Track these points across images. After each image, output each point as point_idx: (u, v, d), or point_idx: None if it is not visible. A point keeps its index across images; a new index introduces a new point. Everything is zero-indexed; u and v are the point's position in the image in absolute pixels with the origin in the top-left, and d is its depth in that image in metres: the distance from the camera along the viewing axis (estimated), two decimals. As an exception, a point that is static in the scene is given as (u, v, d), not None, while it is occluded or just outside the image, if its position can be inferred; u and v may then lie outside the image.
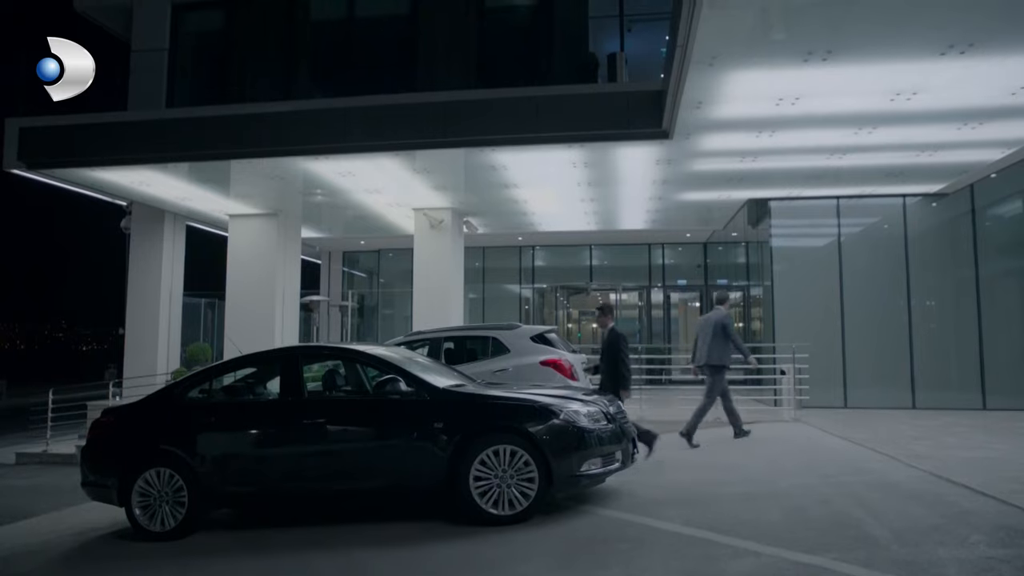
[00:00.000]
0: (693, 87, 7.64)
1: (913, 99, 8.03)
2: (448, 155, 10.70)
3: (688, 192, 13.21)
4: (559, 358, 8.87)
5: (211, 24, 13.93)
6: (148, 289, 14.25)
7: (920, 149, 10.17)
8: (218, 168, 11.50)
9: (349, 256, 21.59)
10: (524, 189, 12.79)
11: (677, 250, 20.43)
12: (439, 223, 13.98)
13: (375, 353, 6.27)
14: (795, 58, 6.98)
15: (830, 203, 13.24)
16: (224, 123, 11.00)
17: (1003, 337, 12.02)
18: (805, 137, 9.60)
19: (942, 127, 9.15)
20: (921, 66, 7.15)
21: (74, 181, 12.28)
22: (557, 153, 10.41)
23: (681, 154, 10.41)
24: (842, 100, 8.15)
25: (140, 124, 11.34)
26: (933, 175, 11.79)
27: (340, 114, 10.44)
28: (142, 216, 14.32)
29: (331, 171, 11.59)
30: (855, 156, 10.44)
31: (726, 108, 8.35)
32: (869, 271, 13.12)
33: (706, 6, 5.87)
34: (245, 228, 14.48)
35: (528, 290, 21.12)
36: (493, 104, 10.12)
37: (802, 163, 10.99)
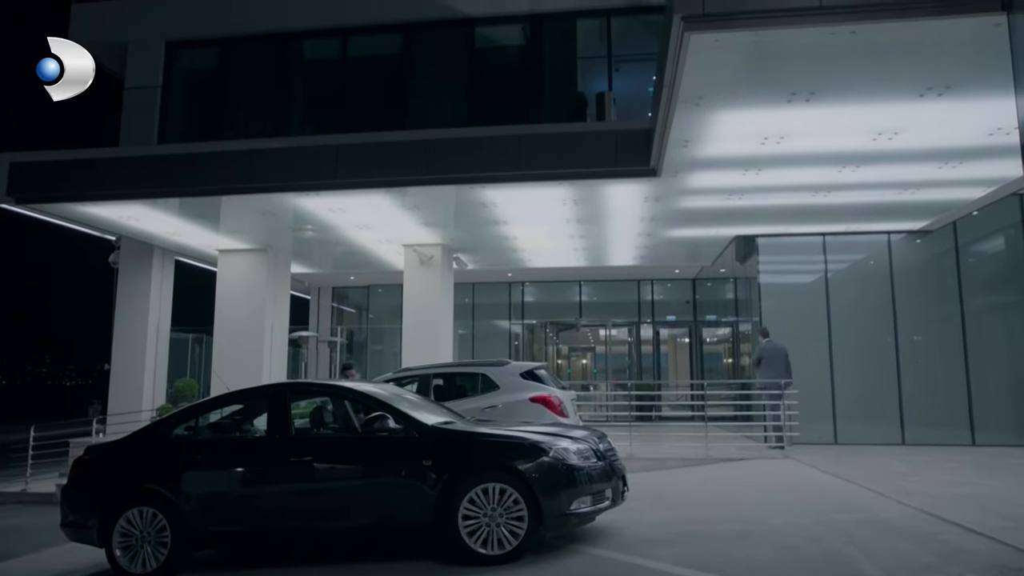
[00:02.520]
0: (680, 126, 7.78)
1: (895, 139, 8.21)
2: (438, 192, 10.78)
3: (676, 229, 13.34)
4: (549, 394, 8.84)
5: (204, 61, 14.08)
6: (135, 324, 14.14)
7: (903, 187, 10.35)
8: (208, 203, 11.52)
9: (339, 291, 21.55)
10: (514, 226, 12.88)
11: (666, 286, 20.54)
12: (429, 259, 14.01)
13: (363, 390, 6.23)
14: (779, 99, 7.14)
15: (816, 239, 13.40)
16: (215, 159, 11.06)
17: (990, 372, 12.10)
18: (791, 175, 9.75)
19: (923, 166, 9.33)
20: (901, 107, 7.32)
21: (63, 216, 12.25)
22: (546, 190, 10.51)
23: (669, 191, 10.54)
24: (826, 139, 8.32)
25: (131, 160, 11.38)
26: (916, 212, 11.98)
27: (331, 151, 10.53)
28: (131, 251, 14.27)
29: (322, 207, 11.63)
30: (840, 194, 10.61)
31: (713, 147, 8.49)
32: (856, 307, 13.22)
33: (691, 48, 6.02)
34: (234, 263, 14.45)
35: (518, 326, 21.11)
36: (483, 142, 10.24)
37: (788, 200, 11.14)
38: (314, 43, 13.60)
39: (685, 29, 5.83)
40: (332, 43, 13.42)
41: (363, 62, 13.58)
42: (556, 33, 12.71)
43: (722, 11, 5.84)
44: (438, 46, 13.07)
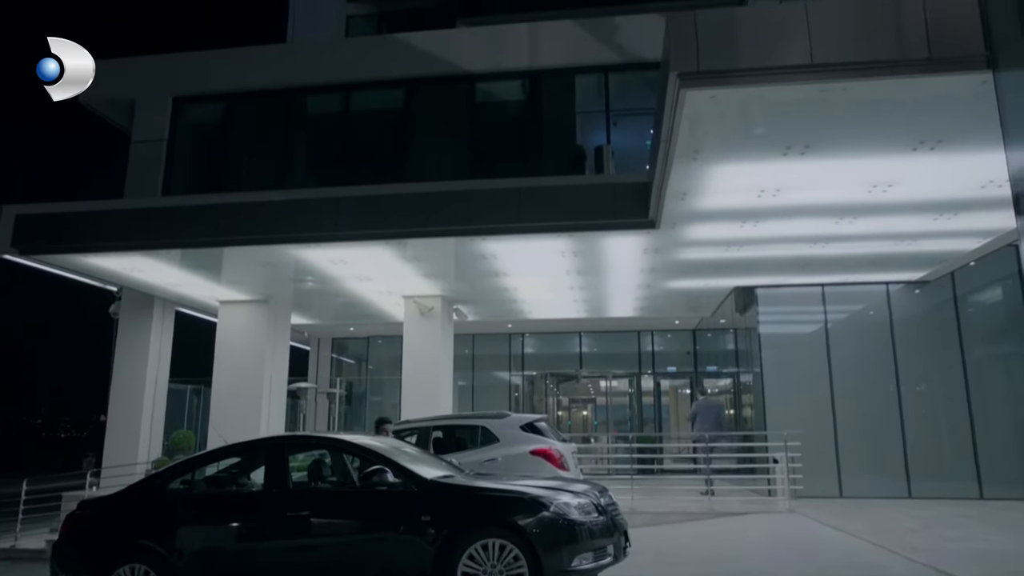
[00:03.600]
0: (678, 179, 7.90)
1: (889, 191, 8.32)
2: (438, 244, 10.86)
3: (676, 280, 13.40)
4: (549, 447, 8.75)
5: (210, 116, 14.36)
6: (134, 375, 14.07)
7: (899, 238, 10.44)
8: (210, 255, 11.60)
9: (338, 342, 21.50)
10: (514, 277, 12.94)
11: (666, 337, 20.50)
12: (429, 310, 14.03)
13: (362, 443, 6.17)
14: (775, 152, 7.26)
15: (815, 290, 13.44)
16: (218, 211, 11.17)
17: (995, 425, 11.98)
18: (788, 227, 9.85)
19: (919, 218, 9.43)
20: (895, 160, 7.45)
21: (66, 266, 12.31)
22: (546, 242, 10.60)
23: (668, 243, 10.62)
24: (822, 192, 8.43)
25: (135, 212, 11.50)
26: (914, 263, 12.06)
27: (333, 203, 10.65)
28: (132, 301, 14.30)
29: (323, 259, 11.71)
30: (837, 245, 10.70)
31: (710, 199, 8.60)
32: (857, 357, 13.18)
33: (688, 103, 6.16)
34: (235, 314, 14.47)
35: (518, 377, 20.99)
36: (483, 195, 10.37)
37: (786, 252, 11.22)
38: (317, 98, 13.90)
39: (681, 86, 5.98)
40: (335, 98, 13.73)
41: (365, 116, 13.85)
42: (555, 88, 13.02)
43: (717, 68, 6.00)
44: (439, 101, 13.36)
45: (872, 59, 5.86)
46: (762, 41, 6.13)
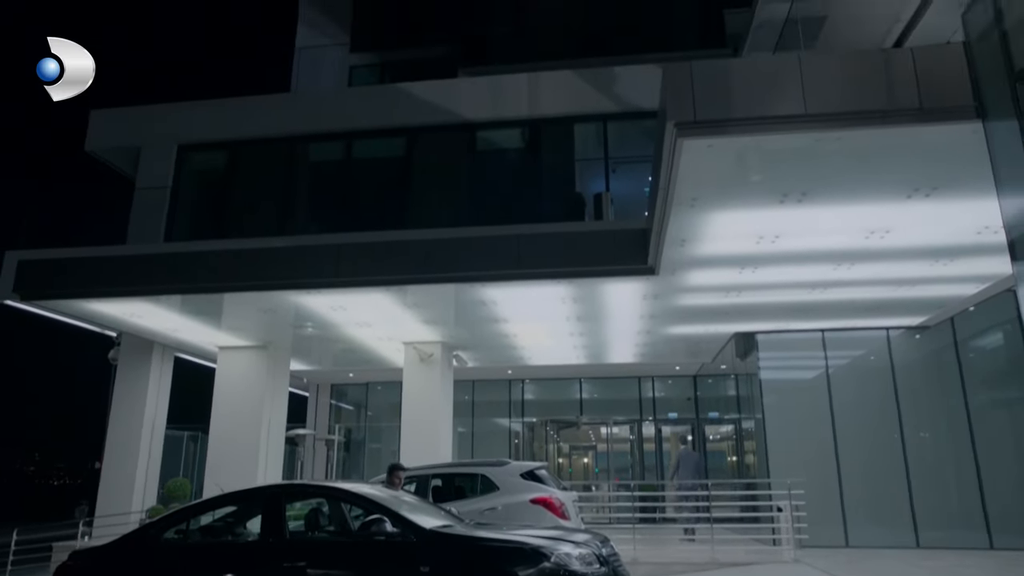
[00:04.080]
0: (676, 226, 7.97)
1: (886, 237, 8.39)
2: (439, 290, 10.89)
3: (676, 326, 13.40)
4: (550, 496, 8.63)
5: (213, 163, 14.54)
6: (131, 421, 13.94)
7: (898, 284, 10.48)
8: (211, 301, 11.62)
9: (337, 388, 21.37)
10: (514, 324, 12.94)
11: (667, 383, 20.39)
12: (428, 356, 13.99)
13: (360, 492, 6.09)
14: (772, 199, 7.35)
15: (816, 335, 13.43)
16: (219, 257, 11.23)
17: (1002, 472, 11.83)
18: (787, 273, 9.90)
19: (916, 263, 9.49)
20: (891, 207, 7.53)
21: (67, 312, 12.32)
22: (546, 289, 10.64)
23: (667, 289, 10.66)
24: (819, 238, 8.50)
25: (137, 258, 11.55)
26: (913, 308, 12.08)
27: (333, 250, 10.72)
28: (131, 347, 14.26)
29: (323, 305, 11.73)
30: (836, 291, 10.74)
31: (709, 245, 8.67)
32: (859, 403, 13.09)
33: (685, 152, 6.26)
34: (234, 360, 14.41)
35: (518, 424, 20.80)
36: (484, 241, 10.44)
37: (785, 297, 11.25)
38: (319, 146, 14.10)
39: (679, 135, 6.09)
40: (337, 145, 13.93)
41: (366, 164, 14.05)
42: (555, 136, 13.22)
43: (713, 118, 6.12)
44: (440, 148, 13.55)
45: (864, 109, 5.98)
46: (757, 92, 6.27)
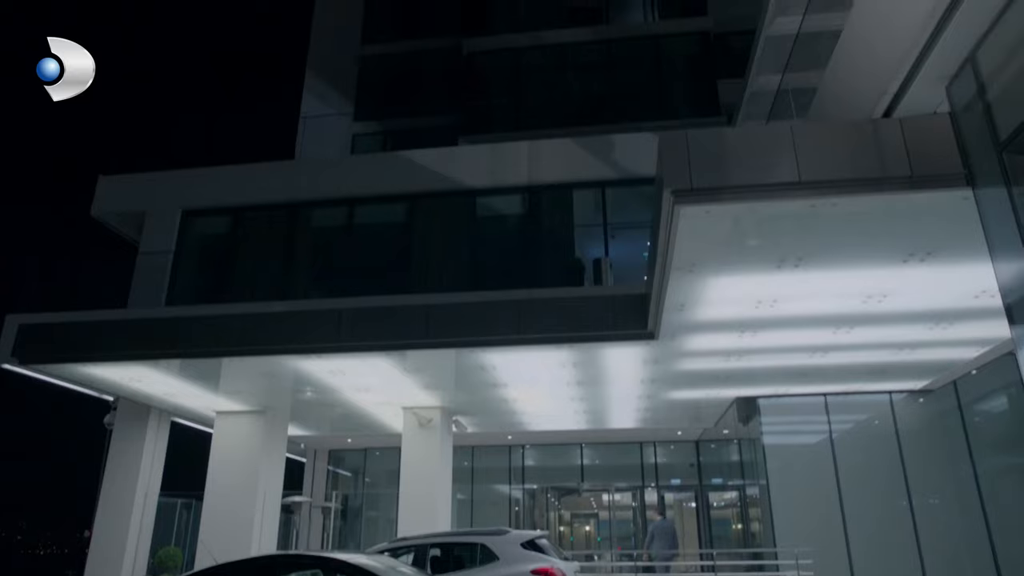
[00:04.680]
0: (675, 291, 8.03)
1: (884, 301, 8.44)
2: (439, 355, 10.87)
3: (677, 390, 13.31)
4: (551, 567, 8.41)
5: (217, 228, 14.69)
6: (124, 488, 13.66)
7: (898, 348, 10.47)
8: (210, 365, 11.57)
9: (335, 454, 21.05)
10: (514, 388, 12.87)
11: (669, 448, 20.10)
12: (428, 422, 13.85)
13: (356, 563, 5.96)
14: (769, 264, 7.42)
15: (818, 400, 13.32)
16: (219, 322, 11.25)
17: (1015, 540, 11.53)
18: (786, 337, 9.91)
19: (915, 327, 9.51)
20: (887, 272, 7.60)
21: (65, 376, 12.25)
22: (546, 354, 10.63)
23: (667, 354, 10.64)
24: (818, 303, 8.54)
25: (137, 322, 11.57)
26: (915, 372, 12.02)
27: (334, 314, 10.75)
28: (127, 411, 14.10)
29: (322, 369, 11.69)
30: (837, 354, 10.72)
31: (708, 310, 8.70)
32: (865, 468, 12.87)
33: (682, 219, 6.36)
34: (231, 425, 14.25)
35: (518, 491, 20.40)
36: (484, 306, 10.48)
37: (786, 361, 11.23)
38: (322, 211, 14.28)
39: (676, 202, 6.20)
40: (339, 211, 14.12)
41: (368, 229, 14.20)
42: (554, 202, 13.42)
43: (709, 185, 6.24)
44: (441, 214, 13.73)
45: (857, 177, 6.10)
46: (751, 160, 6.40)
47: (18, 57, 22.68)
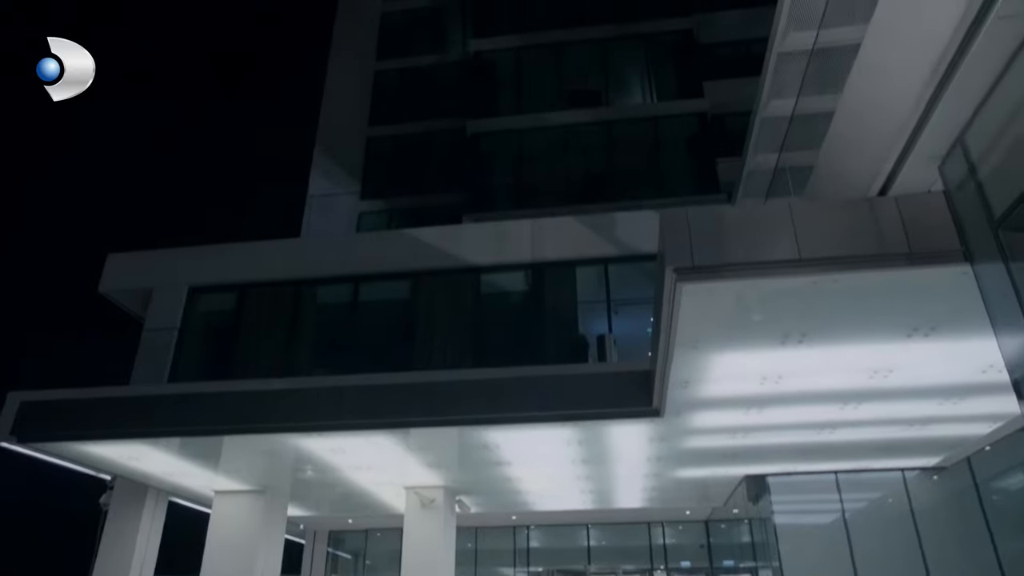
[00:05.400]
0: (679, 368, 7.99)
1: (891, 376, 8.37)
2: (442, 433, 10.75)
3: (684, 469, 13.05)
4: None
5: (222, 304, 14.76)
6: (118, 570, 13.18)
7: (908, 423, 10.32)
8: (210, 443, 11.43)
9: (335, 536, 20.50)
10: (518, 467, 12.64)
11: (678, 528, 19.55)
12: (430, 502, 13.56)
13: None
14: (773, 341, 7.41)
15: (829, 477, 13.03)
16: (220, 399, 11.18)
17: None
18: (793, 413, 9.79)
19: (924, 403, 9.40)
20: (892, 347, 7.58)
21: (63, 455, 12.08)
22: (550, 432, 10.50)
23: (673, 431, 10.50)
24: (823, 378, 8.48)
25: (139, 399, 11.50)
26: (927, 448, 11.80)
27: (336, 392, 10.70)
28: (124, 491, 13.83)
29: (323, 448, 11.52)
30: (846, 431, 10.56)
31: (713, 387, 8.63)
32: (881, 550, 12.45)
33: (685, 296, 6.40)
34: (230, 505, 13.95)
35: (523, 573, 19.75)
36: (487, 384, 10.42)
37: (794, 438, 11.05)
38: (326, 289, 14.41)
39: (678, 280, 6.25)
40: (343, 288, 14.22)
41: (372, 306, 14.26)
42: (557, 279, 13.51)
43: (711, 263, 6.31)
44: (444, 291, 13.83)
45: (856, 254, 6.17)
46: (751, 237, 6.48)
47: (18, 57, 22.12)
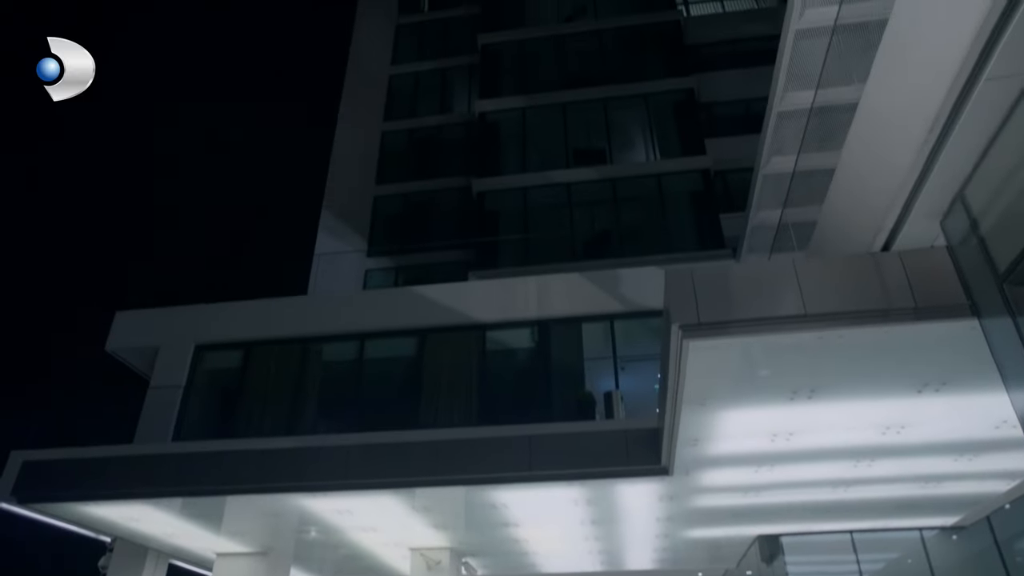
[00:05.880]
0: (688, 426, 7.91)
1: (903, 432, 8.26)
2: (448, 493, 10.61)
3: (695, 528, 12.76)
4: None
5: (228, 362, 14.75)
6: (112, 639, 12.91)
7: (924, 481, 10.12)
8: (213, 504, 11.28)
9: (338, 600, 19.94)
10: (525, 528, 12.39)
11: (691, 591, 18.97)
12: (436, 564, 13.25)
13: None
14: (782, 396, 7.35)
15: (844, 537, 12.69)
16: (224, 458, 11.08)
17: None
18: (805, 471, 9.63)
19: (939, 459, 9.23)
20: (903, 402, 7.50)
21: (63, 516, 11.90)
22: (558, 491, 10.34)
23: (683, 490, 10.32)
24: (835, 435, 8.36)
25: (142, 458, 11.42)
26: (945, 507, 11.51)
27: (342, 451, 10.60)
28: (124, 552, 13.53)
29: (328, 508, 11.35)
30: (860, 489, 10.35)
31: (723, 444, 8.52)
32: (902, 615, 12.08)
33: (691, 353, 6.38)
34: (232, 567, 13.65)
35: (531, 639, 19.09)
36: (494, 442, 10.33)
37: (808, 496, 10.82)
38: (332, 346, 14.40)
39: (684, 337, 6.25)
40: (350, 346, 14.21)
41: (378, 363, 14.23)
42: (563, 336, 13.47)
43: (717, 320, 6.32)
44: (451, 349, 13.80)
45: (862, 309, 6.18)
46: (757, 293, 6.51)
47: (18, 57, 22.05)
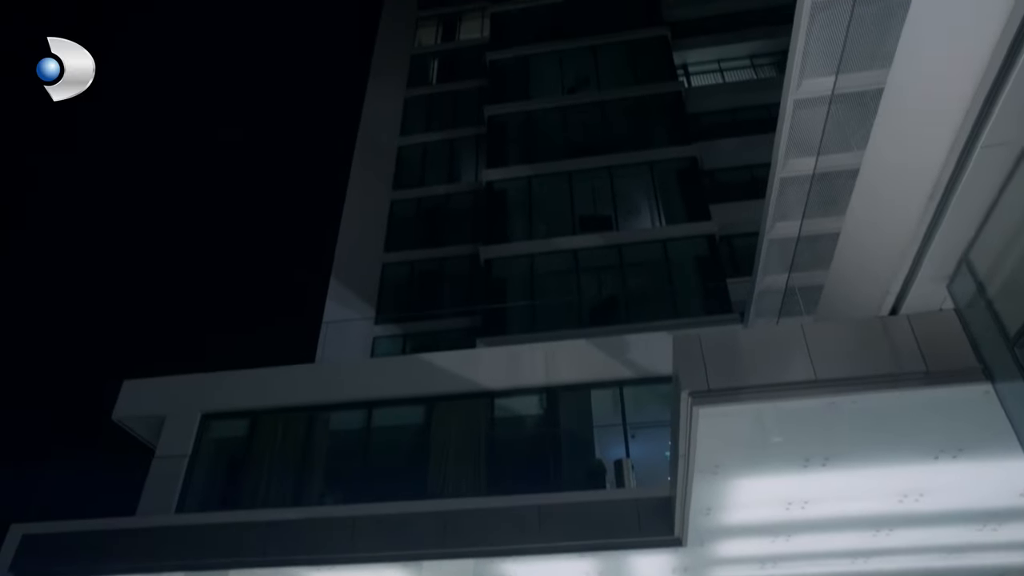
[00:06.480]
0: (700, 494, 7.75)
1: (921, 500, 8.04)
2: (456, 565, 10.36)
3: (711, 602, 12.32)
4: None
5: (235, 431, 14.60)
6: None
7: (946, 551, 9.81)
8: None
9: None
10: (536, 601, 11.99)
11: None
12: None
13: None
14: (795, 464, 7.21)
15: (867, 613, 12.21)
16: (229, 530, 10.90)
17: None
18: (823, 541, 9.37)
19: (960, 529, 8.96)
20: (919, 469, 7.34)
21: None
22: (568, 563, 10.09)
23: (698, 561, 10.02)
24: (851, 503, 8.17)
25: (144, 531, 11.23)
26: (971, 580, 11.12)
27: (348, 522, 10.44)
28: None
29: (334, 582, 11.05)
30: (880, 560, 10.04)
31: (737, 513, 8.33)
32: None
33: (702, 420, 6.31)
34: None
35: None
36: (503, 512, 10.15)
37: (826, 568, 10.49)
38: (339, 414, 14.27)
39: (694, 404, 6.20)
40: (357, 414, 14.09)
41: (385, 432, 14.08)
42: (572, 403, 13.33)
43: (726, 386, 6.28)
44: (458, 416, 13.66)
45: (873, 374, 6.13)
46: (766, 359, 6.48)
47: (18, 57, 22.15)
